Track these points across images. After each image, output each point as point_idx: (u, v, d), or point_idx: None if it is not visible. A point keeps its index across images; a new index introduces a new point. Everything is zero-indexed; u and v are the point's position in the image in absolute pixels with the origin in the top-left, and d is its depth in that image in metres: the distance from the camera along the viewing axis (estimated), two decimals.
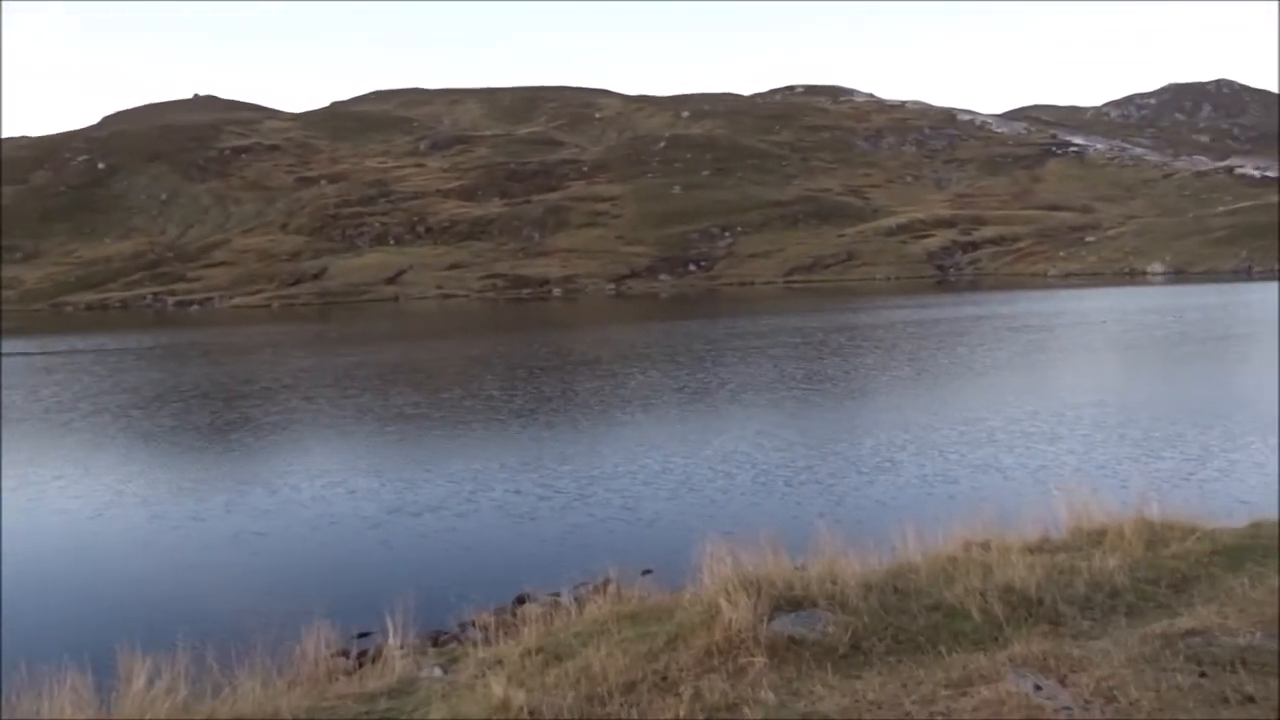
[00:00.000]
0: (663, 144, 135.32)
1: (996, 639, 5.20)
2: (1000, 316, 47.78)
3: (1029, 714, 4.13)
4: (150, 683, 5.15)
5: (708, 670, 4.88)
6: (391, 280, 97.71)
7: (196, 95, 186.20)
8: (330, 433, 23.05)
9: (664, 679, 4.84)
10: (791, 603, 5.43)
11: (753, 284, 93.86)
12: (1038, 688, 4.40)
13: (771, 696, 4.53)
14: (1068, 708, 4.20)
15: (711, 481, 16.33)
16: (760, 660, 4.87)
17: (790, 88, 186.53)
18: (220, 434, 23.21)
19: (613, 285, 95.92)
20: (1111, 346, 36.53)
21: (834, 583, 5.65)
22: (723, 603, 5.23)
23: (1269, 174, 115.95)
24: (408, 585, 8.57)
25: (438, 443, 21.34)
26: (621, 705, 4.59)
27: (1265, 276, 71.01)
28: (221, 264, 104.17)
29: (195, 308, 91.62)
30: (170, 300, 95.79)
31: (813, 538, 6.86)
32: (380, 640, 7.77)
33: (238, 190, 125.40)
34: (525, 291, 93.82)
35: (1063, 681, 4.48)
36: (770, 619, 5.19)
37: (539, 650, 5.48)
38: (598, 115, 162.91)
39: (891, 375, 29.67)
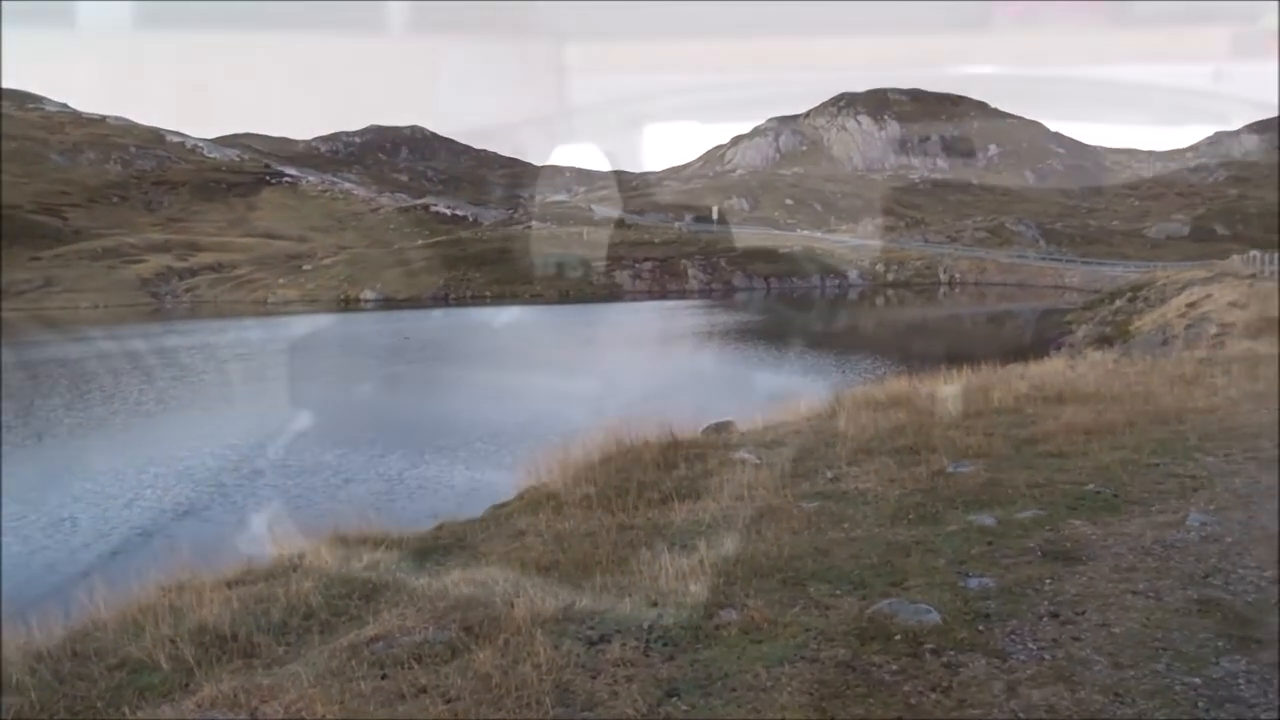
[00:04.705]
0: None
1: (188, 685, 5.01)
2: (212, 346, 46.44)
3: None
4: None
5: None
6: None
7: None
8: None
9: None
10: None
11: None
12: None
13: None
14: None
15: None
16: None
17: None
18: None
19: None
20: (318, 371, 37.60)
21: None
22: None
23: (458, 212, 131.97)
24: None
25: None
26: None
27: (459, 302, 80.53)
28: None
29: None
30: None
31: None
32: None
33: None
34: None
35: (254, 715, 4.46)
36: None
37: None
38: None
39: (79, 418, 26.73)
